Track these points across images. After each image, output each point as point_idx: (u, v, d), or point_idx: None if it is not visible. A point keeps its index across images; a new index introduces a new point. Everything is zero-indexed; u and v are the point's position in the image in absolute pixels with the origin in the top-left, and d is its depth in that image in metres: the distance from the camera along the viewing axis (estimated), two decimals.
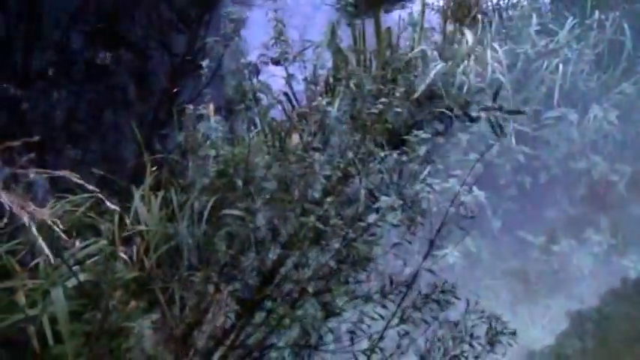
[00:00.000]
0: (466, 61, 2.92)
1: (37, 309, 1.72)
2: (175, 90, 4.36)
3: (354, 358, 2.11)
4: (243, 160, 2.10)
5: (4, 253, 1.68)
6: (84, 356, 1.57)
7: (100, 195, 2.44)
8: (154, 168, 2.68)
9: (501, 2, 3.86)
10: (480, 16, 3.62)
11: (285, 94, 2.87)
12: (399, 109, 2.09)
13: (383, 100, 2.10)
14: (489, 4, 3.85)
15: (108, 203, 1.37)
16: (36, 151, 1.47)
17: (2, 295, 2.12)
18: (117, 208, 1.16)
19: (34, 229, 1.60)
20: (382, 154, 2.22)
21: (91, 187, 1.09)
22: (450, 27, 3.90)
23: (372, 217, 2.13)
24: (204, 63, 2.96)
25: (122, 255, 2.12)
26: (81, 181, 1.03)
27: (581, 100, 2.89)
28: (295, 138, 2.06)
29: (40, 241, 1.24)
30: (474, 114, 2.65)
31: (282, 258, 1.99)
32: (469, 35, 3.22)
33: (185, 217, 2.26)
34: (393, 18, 4.12)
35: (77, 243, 1.74)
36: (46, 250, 0.91)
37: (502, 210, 2.79)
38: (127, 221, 2.33)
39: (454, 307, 2.61)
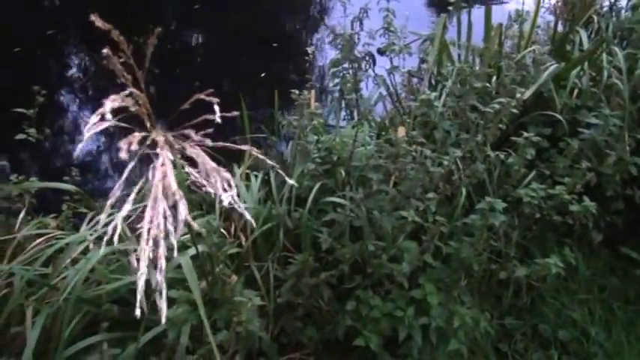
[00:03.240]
0: (580, 64, 2.78)
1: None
2: (267, 74, 4.46)
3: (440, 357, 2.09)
4: (347, 149, 2.12)
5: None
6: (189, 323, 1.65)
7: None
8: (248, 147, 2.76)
9: (619, 3, 3.64)
10: (595, 17, 3.44)
11: (387, 86, 2.85)
12: (515, 110, 2.03)
13: (501, 99, 2.04)
14: (606, 3, 3.64)
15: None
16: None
17: (112, 258, 2.28)
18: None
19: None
20: (489, 153, 2.17)
21: (270, 162, 1.13)
22: (560, 27, 3.74)
23: (471, 217, 2.09)
24: (310, 49, 3.02)
25: (222, 230, 2.22)
26: (263, 157, 1.07)
27: None
28: (401, 131, 2.05)
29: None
30: (585, 119, 2.52)
31: (378, 249, 1.99)
32: (584, 36, 3.06)
33: (283, 199, 2.32)
34: (497, 13, 3.99)
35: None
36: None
37: (605, 223, 2.64)
38: None
39: (543, 318, 2.52)
